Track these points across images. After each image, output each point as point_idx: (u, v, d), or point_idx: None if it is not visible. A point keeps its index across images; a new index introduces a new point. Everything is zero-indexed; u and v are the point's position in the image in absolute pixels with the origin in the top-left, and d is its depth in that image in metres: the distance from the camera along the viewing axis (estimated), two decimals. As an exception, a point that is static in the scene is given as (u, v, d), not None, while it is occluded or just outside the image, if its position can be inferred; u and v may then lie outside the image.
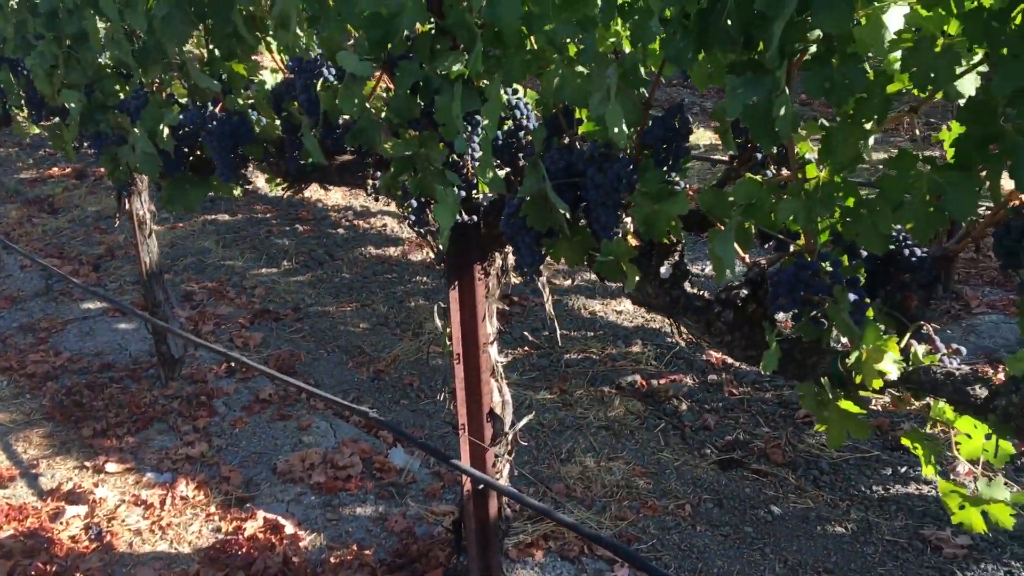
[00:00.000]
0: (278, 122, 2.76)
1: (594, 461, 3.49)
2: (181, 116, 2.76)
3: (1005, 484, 1.58)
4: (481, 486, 2.63)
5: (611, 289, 5.15)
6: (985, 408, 1.53)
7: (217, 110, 2.73)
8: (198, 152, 3.01)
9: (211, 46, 2.71)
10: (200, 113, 2.71)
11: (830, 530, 3.04)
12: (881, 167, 1.50)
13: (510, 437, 2.70)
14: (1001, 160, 1.38)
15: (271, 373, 3.40)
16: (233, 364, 4.32)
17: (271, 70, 2.83)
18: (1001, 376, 2.09)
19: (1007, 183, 1.38)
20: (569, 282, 5.26)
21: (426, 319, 4.85)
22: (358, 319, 4.94)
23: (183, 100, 2.96)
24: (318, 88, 2.36)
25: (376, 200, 2.65)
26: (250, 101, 2.76)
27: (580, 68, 1.78)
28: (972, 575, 2.80)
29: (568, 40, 1.78)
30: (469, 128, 2.09)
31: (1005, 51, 1.28)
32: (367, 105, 2.32)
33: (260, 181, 6.32)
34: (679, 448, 3.56)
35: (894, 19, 1.60)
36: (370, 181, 2.59)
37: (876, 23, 1.65)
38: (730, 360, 4.22)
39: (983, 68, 1.46)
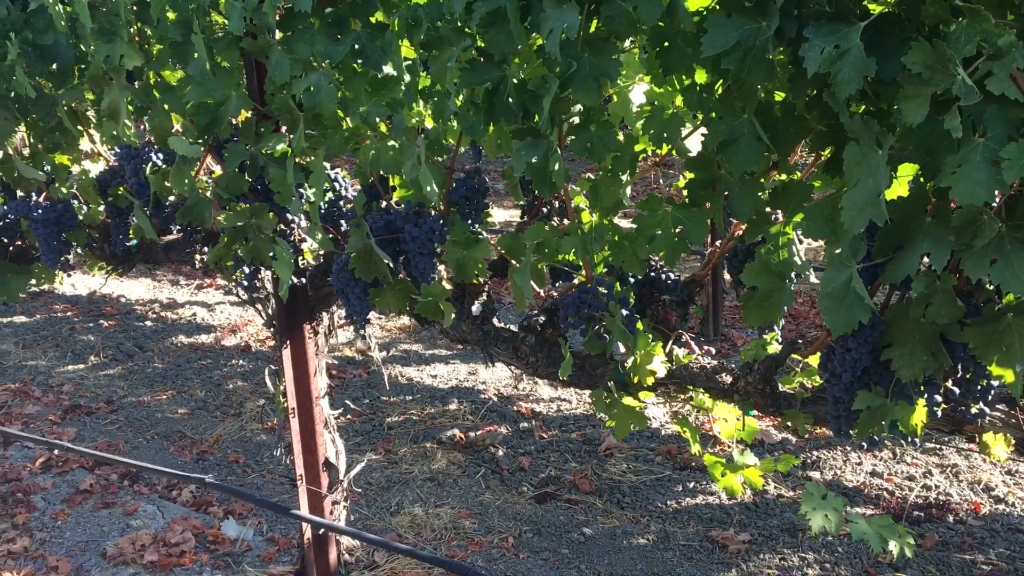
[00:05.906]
0: (102, 207, 2.91)
1: (422, 510, 3.74)
2: (5, 207, 2.86)
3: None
4: (322, 531, 2.82)
5: (424, 356, 5.46)
6: (731, 391, 1.96)
7: (41, 199, 2.85)
8: (17, 242, 3.09)
9: (32, 140, 2.84)
10: (25, 203, 2.82)
11: (634, 543, 3.43)
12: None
13: (345, 484, 2.92)
14: (721, 197, 1.81)
15: (97, 454, 3.45)
16: (51, 457, 4.25)
17: (89, 158, 2.98)
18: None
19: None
20: (384, 353, 5.51)
21: (246, 399, 4.95)
22: (176, 406, 4.96)
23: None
24: (147, 172, 2.57)
25: (206, 273, 2.83)
26: (73, 189, 2.90)
27: (392, 142, 2.11)
28: (753, 564, 3.26)
29: (379, 119, 2.12)
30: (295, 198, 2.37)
31: (713, 114, 1.71)
32: (195, 184, 2.55)
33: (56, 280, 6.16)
34: (499, 489, 3.88)
35: (637, 95, 2.06)
36: (197, 256, 2.80)
37: (624, 99, 2.10)
38: (537, 408, 4.62)
39: (703, 130, 1.90)
